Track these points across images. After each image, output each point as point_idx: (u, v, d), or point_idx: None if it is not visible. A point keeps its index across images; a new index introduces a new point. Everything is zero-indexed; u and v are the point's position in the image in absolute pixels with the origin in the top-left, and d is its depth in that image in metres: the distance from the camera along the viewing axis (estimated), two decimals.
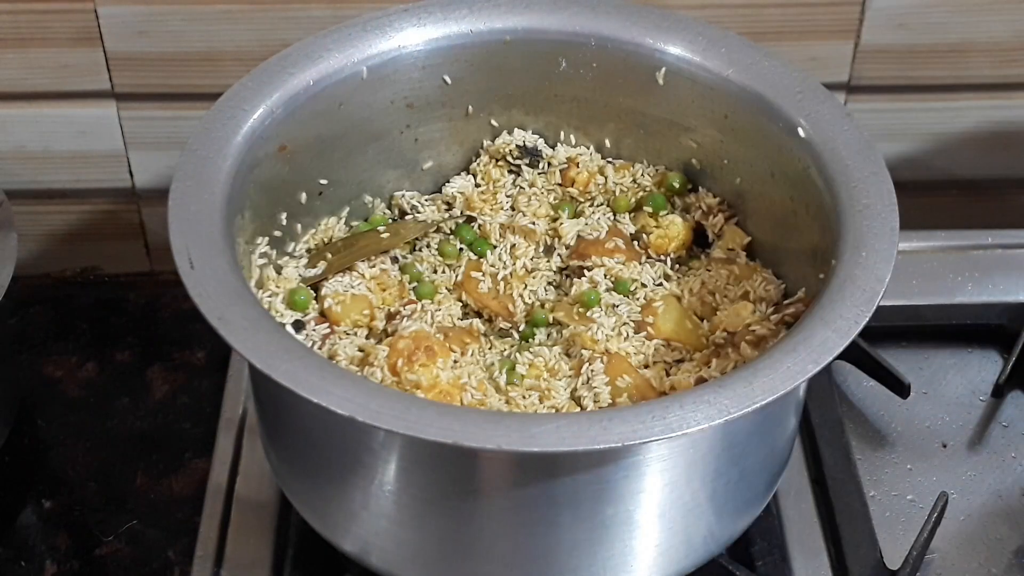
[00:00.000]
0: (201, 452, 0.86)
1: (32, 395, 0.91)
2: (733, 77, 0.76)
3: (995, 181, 1.03)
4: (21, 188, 0.96)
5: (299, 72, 0.75)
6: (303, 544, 0.79)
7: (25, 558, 0.81)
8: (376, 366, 0.70)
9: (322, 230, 0.80)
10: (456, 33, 0.79)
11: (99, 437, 0.88)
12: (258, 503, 0.80)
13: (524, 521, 0.66)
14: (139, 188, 0.97)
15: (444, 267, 0.79)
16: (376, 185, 0.82)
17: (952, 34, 0.94)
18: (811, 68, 0.92)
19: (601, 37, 0.79)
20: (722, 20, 0.90)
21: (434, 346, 0.71)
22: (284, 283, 0.75)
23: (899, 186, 0.70)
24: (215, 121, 0.72)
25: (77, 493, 0.85)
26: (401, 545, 0.70)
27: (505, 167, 0.83)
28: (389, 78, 0.78)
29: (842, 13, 0.92)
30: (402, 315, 0.75)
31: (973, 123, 0.99)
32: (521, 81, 0.81)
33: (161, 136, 0.94)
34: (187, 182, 0.69)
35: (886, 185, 0.70)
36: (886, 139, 0.98)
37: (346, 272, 0.77)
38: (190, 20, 0.89)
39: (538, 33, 0.79)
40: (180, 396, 0.91)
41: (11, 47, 0.90)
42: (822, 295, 0.65)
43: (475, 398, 0.70)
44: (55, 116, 0.93)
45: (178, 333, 0.95)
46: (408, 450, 0.65)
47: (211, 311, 0.62)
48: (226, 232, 0.68)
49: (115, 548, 0.82)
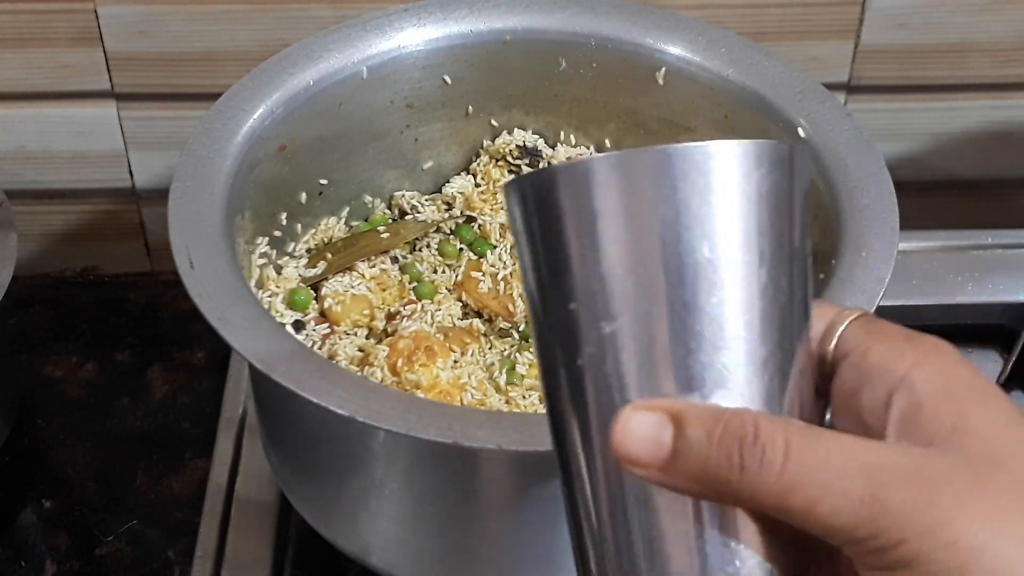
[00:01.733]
0: (201, 452, 0.86)
1: (32, 395, 0.91)
2: (733, 77, 0.76)
3: (995, 181, 1.03)
4: (21, 188, 0.96)
5: (299, 72, 0.75)
6: (303, 544, 0.79)
7: (25, 558, 0.81)
8: (376, 366, 0.70)
9: (322, 230, 0.80)
10: (456, 33, 0.79)
11: (99, 437, 0.88)
12: (258, 503, 0.80)
13: (524, 521, 0.66)
14: (139, 188, 0.97)
15: (444, 267, 0.79)
16: (376, 185, 0.82)
17: (952, 34, 0.94)
18: (811, 68, 0.92)
19: (601, 37, 0.79)
20: (722, 20, 0.90)
21: (434, 346, 0.71)
22: (284, 283, 0.75)
23: (899, 186, 0.70)
24: (215, 121, 0.72)
25: (77, 493, 0.85)
26: (401, 545, 0.70)
27: (505, 167, 0.83)
28: (389, 78, 0.78)
29: (842, 13, 0.92)
30: (402, 315, 0.75)
31: (973, 123, 0.99)
32: (521, 81, 0.81)
33: (161, 136, 0.94)
34: (187, 182, 0.69)
35: (886, 185, 0.70)
36: (886, 139, 0.98)
37: (346, 272, 0.77)
38: (190, 20, 0.89)
39: (538, 33, 0.79)
40: (180, 396, 0.91)
41: (11, 47, 0.90)
42: (822, 295, 0.65)
43: (475, 398, 0.70)
44: (55, 116, 0.93)
45: (178, 333, 0.95)
46: (408, 450, 0.65)
47: (211, 311, 0.62)
48: (226, 232, 0.68)
49: (115, 548, 0.82)
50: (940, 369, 0.39)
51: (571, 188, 0.38)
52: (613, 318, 0.38)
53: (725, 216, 0.38)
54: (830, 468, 0.37)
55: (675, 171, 0.37)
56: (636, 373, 0.38)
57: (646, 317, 0.38)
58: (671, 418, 0.38)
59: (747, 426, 0.37)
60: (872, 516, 0.36)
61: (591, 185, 0.38)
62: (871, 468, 0.37)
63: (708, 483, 0.37)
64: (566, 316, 0.39)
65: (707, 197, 0.38)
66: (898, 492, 0.36)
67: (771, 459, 0.37)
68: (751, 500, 0.37)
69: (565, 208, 0.38)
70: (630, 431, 0.38)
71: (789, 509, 0.37)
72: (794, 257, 0.39)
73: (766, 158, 0.38)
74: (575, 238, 0.38)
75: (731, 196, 0.38)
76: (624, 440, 0.38)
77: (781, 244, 0.39)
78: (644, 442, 0.38)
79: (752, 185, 0.38)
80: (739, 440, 0.37)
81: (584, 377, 0.39)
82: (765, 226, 0.38)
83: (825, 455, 0.37)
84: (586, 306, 0.38)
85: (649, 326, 0.38)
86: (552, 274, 0.39)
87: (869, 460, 0.37)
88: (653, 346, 0.38)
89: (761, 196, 0.38)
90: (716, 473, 0.37)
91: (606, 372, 0.38)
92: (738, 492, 0.37)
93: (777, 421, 0.38)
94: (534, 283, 0.40)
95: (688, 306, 0.38)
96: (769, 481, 0.37)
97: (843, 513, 0.36)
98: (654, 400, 0.38)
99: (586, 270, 0.38)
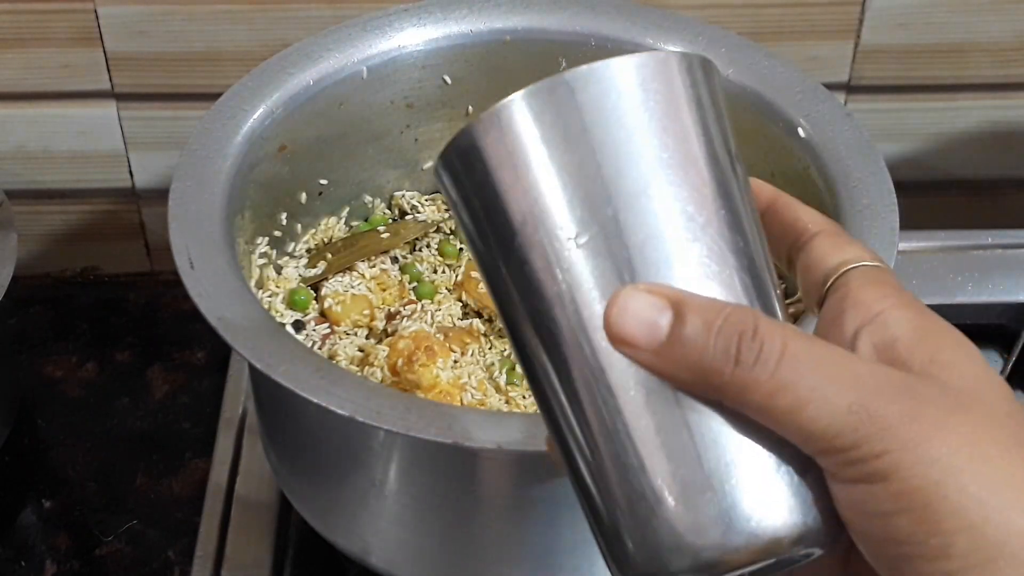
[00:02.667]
0: (201, 452, 0.86)
1: (32, 395, 0.91)
2: (733, 77, 0.76)
3: (995, 181, 1.03)
4: (21, 188, 0.96)
5: (299, 72, 0.75)
6: (303, 544, 0.79)
7: (25, 558, 0.81)
8: (376, 366, 0.70)
9: (322, 230, 0.80)
10: (456, 33, 0.79)
11: (99, 437, 0.88)
12: (258, 503, 0.80)
13: (524, 521, 0.66)
14: (139, 188, 0.97)
15: (444, 267, 0.79)
16: (376, 185, 0.82)
17: (952, 34, 0.94)
18: (811, 68, 0.92)
19: (601, 37, 0.79)
20: (722, 20, 0.90)
21: (434, 346, 0.71)
22: (284, 283, 0.75)
23: (899, 186, 0.70)
24: (215, 121, 0.72)
25: (77, 493, 0.85)
26: (401, 545, 0.70)
27: None
28: (389, 78, 0.78)
29: (842, 13, 0.92)
30: (402, 315, 0.75)
31: (973, 123, 0.99)
32: (521, 81, 0.80)
33: (161, 136, 0.94)
34: (187, 182, 0.69)
35: (886, 185, 0.70)
36: (886, 139, 0.98)
37: (346, 272, 0.77)
38: (190, 20, 0.89)
39: (538, 33, 0.79)
40: (180, 396, 0.91)
41: (11, 47, 0.90)
42: None
43: (475, 398, 0.70)
44: (55, 116, 0.93)
45: (178, 333, 0.95)
46: (408, 450, 0.65)
47: (211, 311, 0.62)
48: (226, 232, 0.68)
49: (115, 548, 0.82)
50: (917, 313, 0.40)
51: (492, 136, 0.40)
52: (587, 229, 0.39)
53: (662, 119, 0.39)
54: (821, 372, 0.37)
55: (587, 90, 0.39)
56: (618, 273, 0.39)
57: (613, 222, 0.39)
58: (671, 304, 0.38)
59: (747, 321, 0.38)
60: (856, 424, 0.36)
61: (511, 124, 0.40)
62: (861, 377, 0.37)
63: (699, 372, 0.38)
64: (538, 242, 0.39)
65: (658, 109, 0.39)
66: (885, 404, 0.37)
67: (767, 356, 0.37)
68: (738, 396, 0.38)
69: (493, 156, 0.40)
70: (629, 311, 0.38)
71: (774, 409, 0.37)
72: (729, 154, 0.41)
73: (681, 65, 0.40)
74: (519, 174, 0.39)
75: (668, 102, 0.40)
76: (620, 320, 0.38)
77: (710, 141, 0.40)
78: (641, 324, 0.38)
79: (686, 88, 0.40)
80: (738, 334, 0.38)
81: (566, 296, 0.39)
82: (699, 126, 0.40)
83: (819, 359, 0.37)
84: (555, 223, 0.39)
85: (625, 228, 0.39)
86: (506, 218, 0.40)
87: (859, 371, 0.38)
88: (632, 246, 0.39)
89: (691, 99, 0.40)
90: (710, 364, 0.38)
91: (588, 280, 0.39)
92: (727, 386, 0.38)
93: (775, 321, 0.38)
94: (490, 235, 0.40)
95: (643, 198, 0.39)
96: (761, 378, 0.37)
97: (828, 418, 0.37)
98: (655, 284, 0.38)
99: (537, 195, 0.39)
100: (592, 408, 0.39)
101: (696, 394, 0.38)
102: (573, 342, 0.39)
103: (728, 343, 0.37)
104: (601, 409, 0.39)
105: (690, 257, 0.39)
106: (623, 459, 0.39)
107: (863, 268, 0.42)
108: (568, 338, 0.39)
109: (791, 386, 0.37)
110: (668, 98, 0.40)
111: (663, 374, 0.38)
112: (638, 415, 0.39)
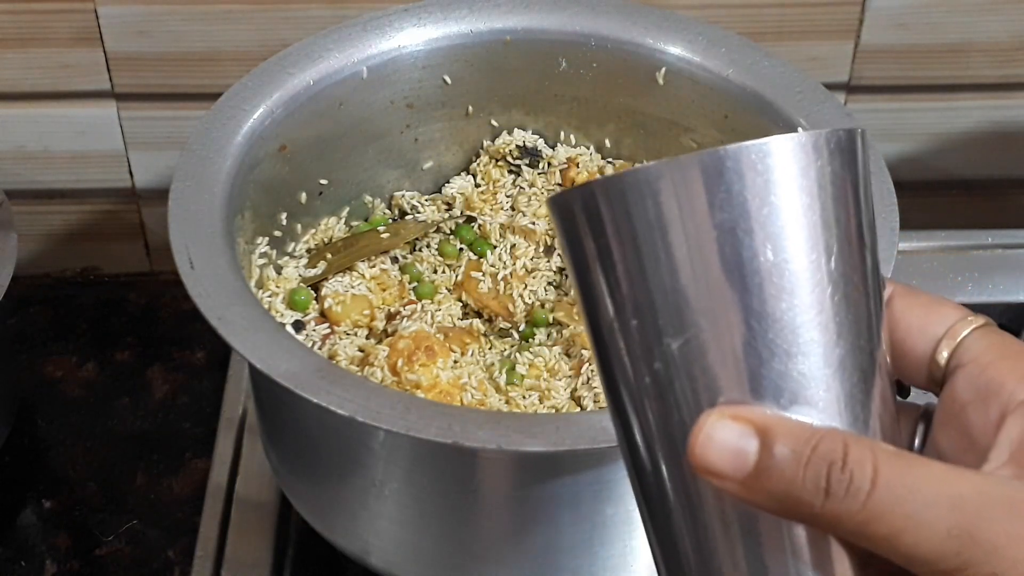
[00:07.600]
0: (201, 452, 0.86)
1: (32, 395, 0.91)
2: (733, 77, 0.76)
3: (995, 181, 1.03)
4: (21, 188, 0.96)
5: (299, 72, 0.75)
6: (303, 544, 0.79)
7: (25, 558, 0.81)
8: (376, 366, 0.70)
9: (322, 230, 0.80)
10: (456, 33, 0.79)
11: (99, 437, 0.88)
12: (258, 503, 0.80)
13: (524, 521, 0.66)
14: (139, 188, 0.97)
15: (444, 267, 0.79)
16: (376, 185, 0.82)
17: (952, 34, 0.94)
18: (811, 68, 0.92)
19: (601, 37, 0.79)
20: (722, 20, 0.90)
21: (434, 346, 0.71)
22: (284, 283, 0.75)
23: (899, 186, 0.70)
24: (215, 121, 0.72)
25: (77, 493, 0.85)
26: (401, 545, 0.70)
27: (505, 167, 0.83)
28: (389, 78, 0.78)
29: (842, 13, 0.92)
30: (402, 315, 0.75)
31: (973, 123, 0.99)
32: (521, 81, 0.81)
33: (161, 136, 0.94)
34: (187, 182, 0.69)
35: (886, 185, 0.70)
36: (886, 139, 0.98)
37: (346, 272, 0.77)
38: (190, 20, 0.89)
39: (538, 33, 0.79)
40: (180, 396, 0.91)
41: (11, 47, 0.90)
42: None
43: (475, 398, 0.70)
44: (55, 116, 0.93)
45: (178, 333, 0.95)
46: (408, 450, 0.65)
47: (211, 311, 0.62)
48: (226, 232, 0.68)
49: (115, 548, 0.82)
50: None
51: (614, 202, 0.36)
52: (679, 333, 0.36)
53: (787, 215, 0.36)
54: (917, 498, 0.35)
55: (729, 173, 0.35)
56: (707, 389, 0.36)
57: (714, 329, 0.36)
58: (757, 431, 0.36)
59: (837, 449, 0.36)
60: (958, 548, 0.35)
61: (637, 197, 0.36)
62: (960, 499, 0.35)
63: (789, 503, 0.36)
64: (629, 334, 0.37)
65: (766, 198, 0.35)
66: (988, 524, 0.35)
67: (858, 486, 0.35)
68: (830, 524, 0.36)
69: (609, 223, 0.36)
70: (714, 440, 0.36)
71: (871, 537, 0.36)
72: (863, 248, 0.37)
73: (824, 148, 0.36)
74: (625, 254, 0.36)
75: (791, 194, 0.36)
76: (706, 450, 0.36)
77: (848, 237, 0.37)
78: (727, 454, 0.36)
79: (812, 179, 0.36)
80: (828, 464, 0.36)
81: (652, 396, 0.37)
82: (830, 220, 0.36)
83: (913, 484, 0.36)
84: (648, 322, 0.36)
85: (718, 338, 0.36)
86: (611, 292, 0.37)
87: (959, 491, 0.36)
88: (724, 359, 0.36)
89: (822, 189, 0.36)
90: (799, 495, 0.36)
91: (675, 390, 0.37)
92: (818, 516, 0.36)
93: (865, 444, 0.36)
94: (594, 302, 0.38)
95: (757, 313, 0.36)
96: (853, 509, 0.35)
97: (928, 544, 0.35)
98: (740, 408, 0.36)
99: (644, 285, 0.36)
100: (677, 505, 0.38)
101: (788, 519, 0.37)
102: (665, 437, 0.37)
103: (818, 475, 0.36)
104: (685, 511, 0.38)
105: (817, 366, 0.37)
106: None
107: (977, 332, 0.39)
108: (660, 432, 0.37)
109: (886, 515, 0.35)
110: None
111: (752, 503, 0.37)
112: (724, 535, 0.38)
